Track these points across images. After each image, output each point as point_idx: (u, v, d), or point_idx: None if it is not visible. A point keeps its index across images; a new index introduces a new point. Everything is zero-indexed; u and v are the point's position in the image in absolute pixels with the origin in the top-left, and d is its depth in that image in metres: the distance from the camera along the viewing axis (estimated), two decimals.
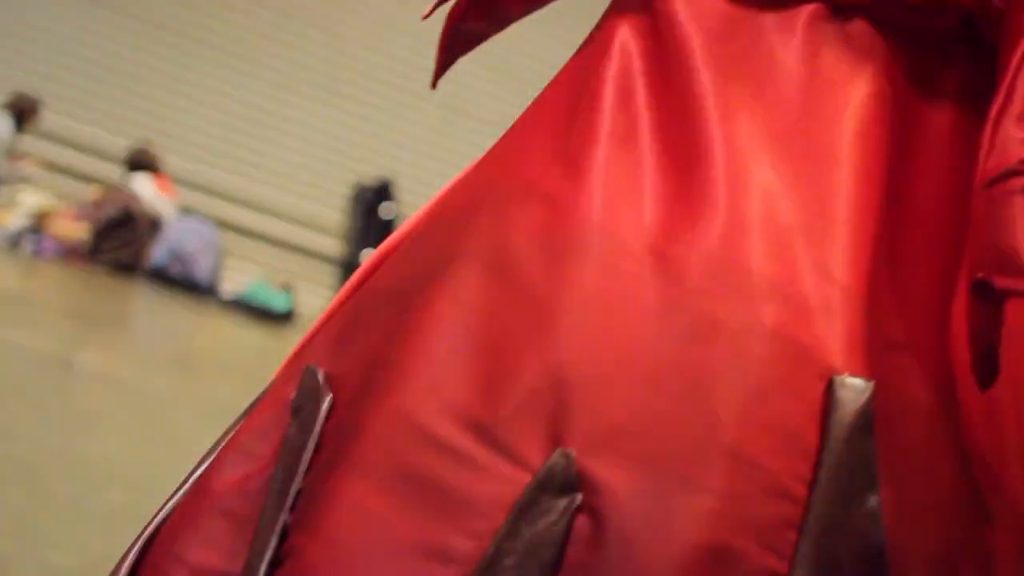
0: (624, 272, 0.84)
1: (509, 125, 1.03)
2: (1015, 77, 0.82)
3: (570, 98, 0.96)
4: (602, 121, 0.90)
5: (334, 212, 8.39)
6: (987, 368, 0.82)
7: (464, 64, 1.23)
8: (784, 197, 0.85)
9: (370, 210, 8.29)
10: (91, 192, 7.50)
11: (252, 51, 8.24)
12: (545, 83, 1.04)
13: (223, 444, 0.99)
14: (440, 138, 8.34)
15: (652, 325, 0.82)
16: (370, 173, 8.37)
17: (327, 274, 8.19)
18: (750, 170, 0.85)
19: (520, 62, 7.48)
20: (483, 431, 0.80)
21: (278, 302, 7.58)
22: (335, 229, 8.39)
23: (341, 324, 0.97)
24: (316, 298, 7.28)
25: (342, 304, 1.01)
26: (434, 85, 1.19)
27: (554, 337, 0.82)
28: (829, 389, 0.79)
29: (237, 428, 0.99)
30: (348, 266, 7.13)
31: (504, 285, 0.86)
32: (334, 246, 8.38)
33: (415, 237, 0.99)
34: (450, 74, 1.22)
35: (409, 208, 7.29)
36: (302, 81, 8.33)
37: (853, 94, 0.88)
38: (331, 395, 0.90)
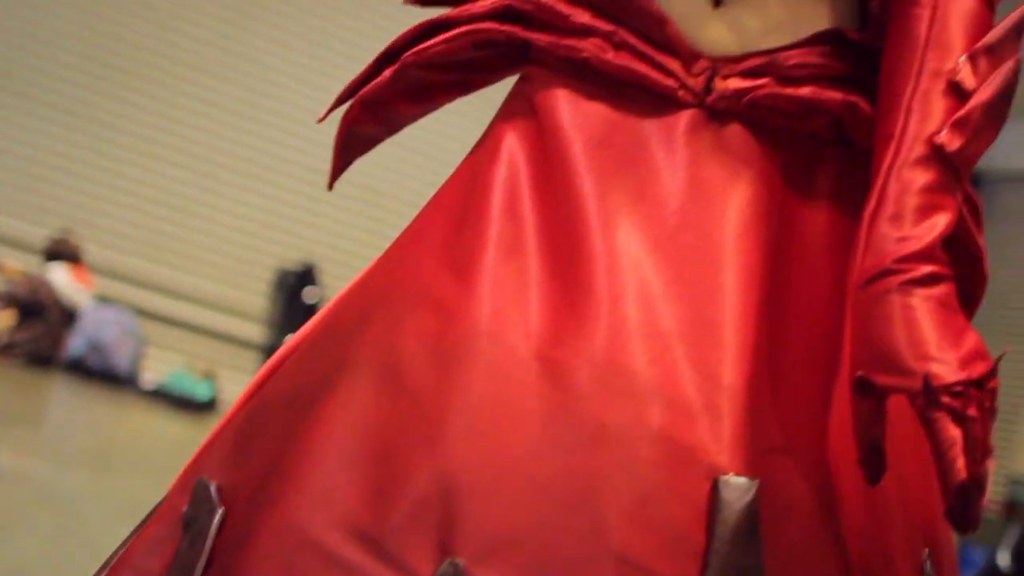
0: (512, 378, 0.85)
1: None
2: (887, 179, 0.85)
3: (461, 203, 0.97)
4: (490, 229, 0.92)
5: (257, 297, 8.33)
6: (874, 464, 0.83)
7: (384, 146, 1.25)
8: (665, 301, 0.86)
9: (293, 295, 8.24)
10: (1, 279, 7.37)
11: (172, 138, 8.22)
12: None
13: (116, 559, 0.98)
14: (362, 220, 8.34)
15: (540, 431, 0.82)
16: (292, 257, 8.34)
17: (251, 361, 8.09)
18: (632, 276, 0.87)
19: (440, 143, 7.54)
20: (372, 542, 0.80)
21: (200, 391, 7.47)
22: (258, 315, 8.32)
23: (235, 434, 0.97)
24: (239, 386, 7.17)
25: (237, 413, 1.01)
26: (330, 186, 1.20)
27: (443, 445, 0.82)
28: (714, 489, 0.80)
29: (130, 543, 0.98)
30: (272, 352, 7.04)
31: (395, 393, 0.87)
32: (257, 332, 8.30)
33: (310, 344, 0.99)
34: (370, 156, 1.24)
35: (333, 292, 7.26)
36: (222, 167, 8.31)
37: (731, 199, 0.91)
38: (223, 509, 0.89)
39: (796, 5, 0.96)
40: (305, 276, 8.33)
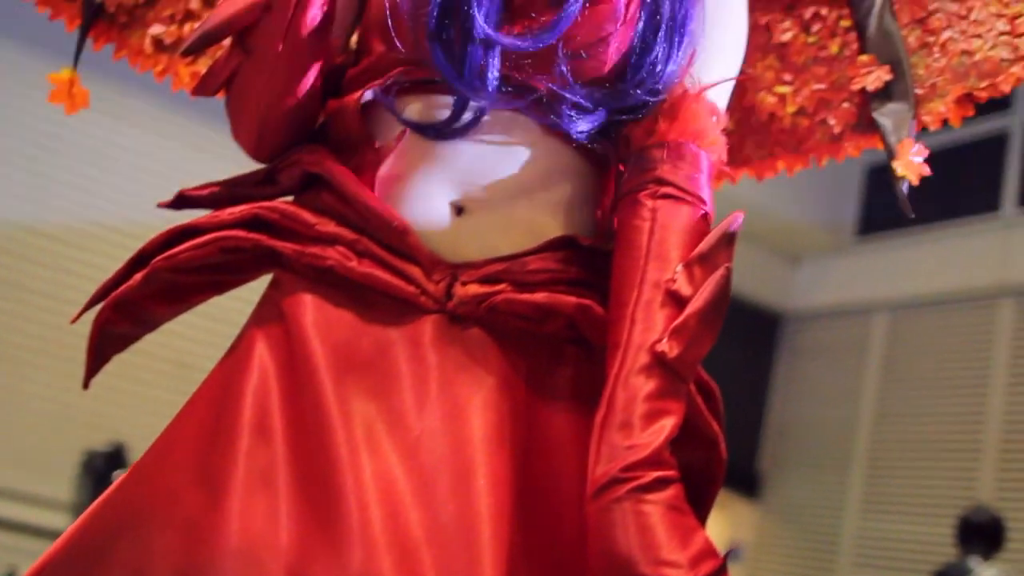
0: None
1: None
2: (614, 388, 0.88)
3: (213, 414, 0.96)
4: (241, 445, 0.91)
5: (62, 483, 7.95)
6: None
7: (192, 317, 1.22)
8: (415, 509, 0.87)
9: (101, 479, 7.89)
10: None
11: None
12: None
13: None
14: (172, 395, 8.09)
15: None
16: (99, 438, 8.02)
17: None
18: (380, 487, 0.87)
19: (248, 311, 7.47)
20: None
21: None
22: (64, 502, 7.93)
23: None
24: None
25: None
26: (85, 386, 1.17)
27: None
28: None
29: None
30: None
31: None
32: (64, 521, 7.90)
33: (56, 567, 0.95)
34: (178, 328, 1.21)
35: None
36: (18, 347, 8.00)
37: (476, 405, 0.92)
38: None
39: (534, 214, 1.00)
40: (114, 458, 8.00)
